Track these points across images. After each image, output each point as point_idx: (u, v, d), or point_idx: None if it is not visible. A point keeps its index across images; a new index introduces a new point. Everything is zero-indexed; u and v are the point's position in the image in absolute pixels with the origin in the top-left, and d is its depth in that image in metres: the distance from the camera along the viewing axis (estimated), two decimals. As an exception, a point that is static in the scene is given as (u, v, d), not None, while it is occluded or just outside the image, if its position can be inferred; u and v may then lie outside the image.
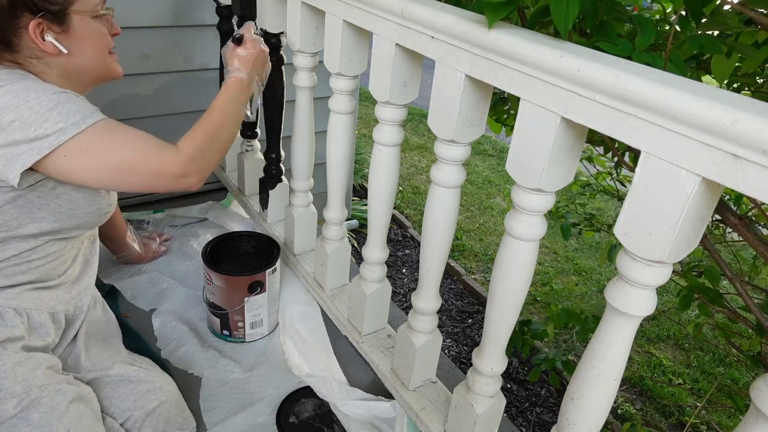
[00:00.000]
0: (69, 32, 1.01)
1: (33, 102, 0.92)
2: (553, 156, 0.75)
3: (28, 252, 1.05)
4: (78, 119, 0.94)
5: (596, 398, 0.81)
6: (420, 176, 4.48)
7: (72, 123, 0.93)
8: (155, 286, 1.67)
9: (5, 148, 0.91)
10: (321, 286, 1.55)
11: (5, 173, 0.93)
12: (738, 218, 1.01)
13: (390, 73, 1.01)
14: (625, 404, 2.54)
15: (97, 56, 1.08)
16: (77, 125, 0.94)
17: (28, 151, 0.92)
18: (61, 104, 0.93)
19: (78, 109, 0.95)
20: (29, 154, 0.92)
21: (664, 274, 0.69)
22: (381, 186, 1.18)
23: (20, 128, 0.91)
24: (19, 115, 0.91)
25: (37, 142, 0.92)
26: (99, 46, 1.07)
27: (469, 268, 3.41)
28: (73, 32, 1.02)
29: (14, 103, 0.91)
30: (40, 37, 0.98)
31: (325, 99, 1.33)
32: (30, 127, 0.91)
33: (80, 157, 0.95)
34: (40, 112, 0.92)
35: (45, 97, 0.93)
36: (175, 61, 1.98)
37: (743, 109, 0.53)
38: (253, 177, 1.92)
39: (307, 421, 1.33)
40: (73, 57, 1.03)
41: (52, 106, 0.93)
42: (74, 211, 1.07)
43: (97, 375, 1.16)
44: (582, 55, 0.67)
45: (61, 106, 0.93)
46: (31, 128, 0.91)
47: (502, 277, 0.91)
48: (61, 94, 0.95)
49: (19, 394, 1.00)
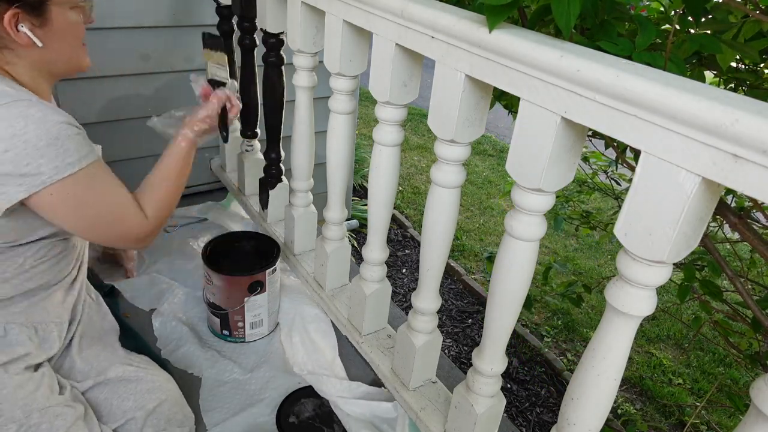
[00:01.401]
0: (46, 25, 0.96)
1: (30, 135, 0.87)
2: (553, 156, 0.75)
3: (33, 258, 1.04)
4: (74, 160, 0.91)
5: (596, 398, 0.81)
6: (420, 176, 4.48)
7: (68, 163, 0.90)
8: (155, 286, 1.67)
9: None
10: (321, 286, 1.55)
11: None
12: (738, 218, 1.01)
13: (390, 73, 1.01)
14: (625, 404, 2.54)
15: (71, 50, 1.03)
16: (72, 166, 0.91)
17: (15, 187, 0.88)
18: (60, 140, 0.90)
19: (76, 149, 0.92)
20: (17, 191, 0.88)
21: (664, 274, 0.69)
22: (381, 186, 1.18)
23: (12, 161, 0.86)
24: (12, 146, 0.86)
25: (28, 178, 0.88)
26: (74, 39, 1.03)
27: (469, 268, 3.41)
28: (50, 25, 0.96)
29: (9, 133, 0.86)
30: (15, 28, 0.93)
31: (325, 99, 1.33)
32: (23, 161, 0.87)
33: (65, 203, 0.94)
34: (37, 147, 0.87)
35: (44, 130, 0.88)
36: (175, 61, 1.98)
37: (743, 109, 0.53)
38: (253, 177, 1.92)
39: (307, 421, 1.33)
40: (47, 50, 0.98)
41: (50, 141, 0.89)
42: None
43: (95, 381, 1.15)
44: (582, 55, 0.67)
45: (59, 142, 0.90)
46: (23, 162, 0.87)
47: (502, 277, 0.91)
48: (62, 127, 0.91)
49: (19, 419, 1.00)
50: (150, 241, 1.10)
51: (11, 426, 0.99)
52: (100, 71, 1.85)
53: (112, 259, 1.73)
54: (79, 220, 0.99)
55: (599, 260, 3.60)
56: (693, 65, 0.96)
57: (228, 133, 1.35)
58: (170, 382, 1.22)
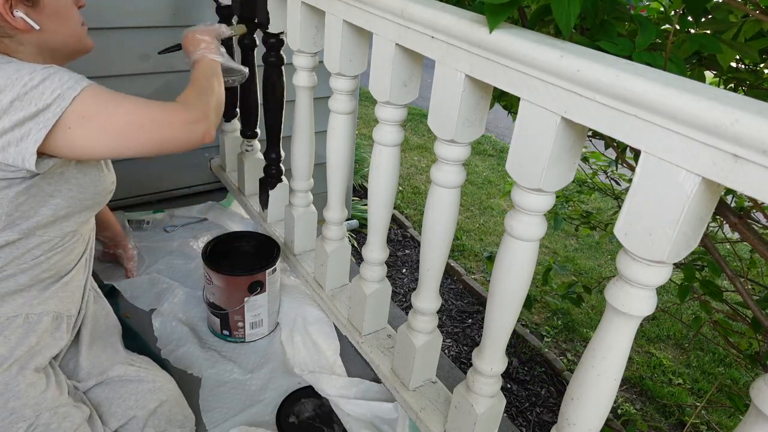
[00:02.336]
0: (39, 7, 0.99)
1: (26, 78, 0.91)
2: (553, 156, 0.75)
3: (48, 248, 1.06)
4: (72, 83, 0.93)
5: (596, 398, 0.81)
6: (420, 176, 4.48)
7: (67, 87, 0.92)
8: (155, 286, 1.67)
9: (13, 131, 0.90)
10: (321, 286, 1.55)
11: (21, 156, 0.91)
12: (738, 218, 1.01)
13: (390, 73, 1.01)
14: (625, 404, 2.54)
15: (71, 29, 1.06)
16: (73, 88, 0.93)
17: (35, 127, 0.91)
18: (52, 74, 0.92)
19: (69, 76, 0.94)
20: (37, 129, 0.91)
21: (664, 274, 0.69)
22: (381, 186, 1.18)
23: (21, 107, 0.90)
24: (16, 94, 0.90)
25: (40, 115, 0.90)
26: (70, 19, 1.05)
27: (469, 268, 3.41)
28: (42, 6, 0.99)
29: (8, 83, 0.90)
30: (10, 13, 0.95)
31: (325, 99, 1.33)
32: (30, 102, 0.90)
33: (84, 124, 0.94)
34: (34, 86, 0.91)
35: (36, 73, 0.92)
36: (175, 61, 1.98)
37: (743, 109, 0.53)
38: (253, 177, 1.92)
39: (307, 421, 1.33)
40: (45, 33, 1.01)
41: (44, 77, 0.92)
42: (83, 194, 1.07)
43: (97, 380, 1.16)
44: (582, 55, 0.67)
45: (53, 76, 0.92)
46: (31, 104, 0.90)
47: (502, 277, 0.91)
48: (49, 68, 0.94)
49: (29, 417, 1.01)
50: (204, 127, 1.05)
51: (21, 425, 1.00)
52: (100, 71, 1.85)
53: (112, 259, 1.73)
54: (110, 137, 0.97)
55: (599, 260, 3.60)
56: (693, 65, 0.96)
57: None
58: (171, 383, 1.23)
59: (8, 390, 1.00)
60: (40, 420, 1.01)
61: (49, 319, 1.09)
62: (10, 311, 1.04)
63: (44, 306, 1.09)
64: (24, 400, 1.01)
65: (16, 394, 1.01)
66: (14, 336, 1.03)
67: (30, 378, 1.03)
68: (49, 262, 1.07)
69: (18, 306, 1.05)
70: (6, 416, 1.00)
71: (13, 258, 1.02)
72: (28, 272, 1.05)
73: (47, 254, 1.06)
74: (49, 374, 1.08)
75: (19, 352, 1.03)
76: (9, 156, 0.91)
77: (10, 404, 1.00)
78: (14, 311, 1.05)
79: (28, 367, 1.04)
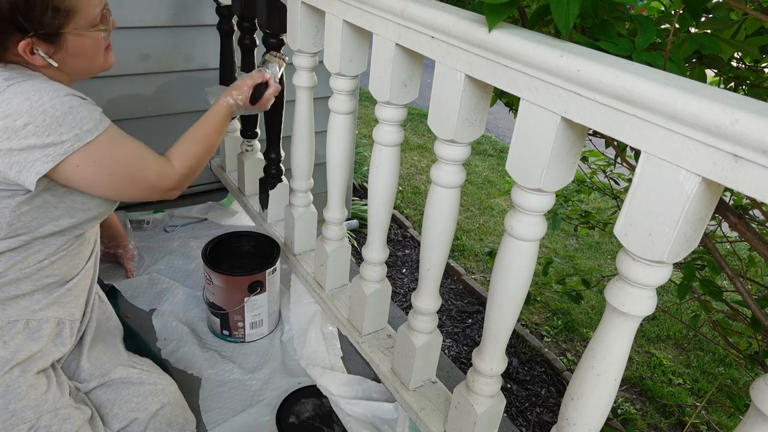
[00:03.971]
0: (62, 50, 0.97)
1: (47, 105, 0.90)
2: (553, 156, 0.75)
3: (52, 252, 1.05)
4: (91, 126, 0.94)
5: (596, 398, 0.81)
6: (420, 176, 4.48)
7: (86, 130, 0.93)
8: (155, 286, 1.67)
9: (19, 154, 0.90)
10: (321, 286, 1.55)
11: (21, 179, 0.92)
12: (738, 217, 1.01)
13: (390, 73, 1.01)
14: (625, 404, 2.54)
15: (90, 63, 1.04)
16: (91, 132, 0.94)
17: (42, 158, 0.90)
18: (75, 108, 0.92)
19: (91, 116, 0.94)
20: (44, 161, 0.91)
21: (664, 274, 0.69)
22: (381, 186, 1.18)
23: (34, 133, 0.89)
24: (32, 119, 0.89)
25: (51, 148, 0.90)
26: (92, 55, 1.03)
27: (469, 268, 3.41)
28: (66, 48, 0.97)
29: (26, 106, 0.89)
30: (30, 53, 0.94)
31: (325, 99, 1.33)
32: (45, 131, 0.89)
33: (92, 168, 0.96)
34: (54, 116, 0.90)
35: (58, 100, 0.91)
36: (175, 61, 1.98)
37: (743, 109, 0.53)
38: (253, 177, 1.92)
39: (307, 421, 1.33)
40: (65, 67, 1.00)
41: (66, 110, 0.91)
42: (87, 205, 1.07)
43: (99, 382, 1.16)
44: (582, 55, 0.67)
45: (75, 110, 0.92)
46: (45, 132, 0.89)
47: (502, 277, 0.91)
48: (73, 98, 0.93)
49: (30, 419, 1.01)
50: (179, 193, 1.15)
51: (22, 427, 1.00)
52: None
53: (112, 259, 1.73)
54: (106, 182, 1.02)
55: (599, 260, 3.60)
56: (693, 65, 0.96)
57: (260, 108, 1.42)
58: (172, 385, 1.22)
59: (9, 392, 1.00)
60: (41, 422, 1.01)
61: (50, 326, 1.09)
62: (11, 315, 1.04)
63: (45, 312, 1.08)
64: (25, 402, 1.01)
65: (17, 396, 1.01)
66: (14, 341, 1.03)
67: (31, 380, 1.03)
68: (53, 267, 1.07)
69: (20, 310, 1.05)
70: (7, 418, 0.99)
71: (15, 262, 1.02)
72: (32, 277, 1.05)
73: (51, 258, 1.06)
74: (50, 375, 1.08)
75: (20, 356, 1.03)
76: (10, 176, 0.92)
77: (11, 406, 1.00)
78: (16, 315, 1.05)
79: (29, 369, 1.04)
